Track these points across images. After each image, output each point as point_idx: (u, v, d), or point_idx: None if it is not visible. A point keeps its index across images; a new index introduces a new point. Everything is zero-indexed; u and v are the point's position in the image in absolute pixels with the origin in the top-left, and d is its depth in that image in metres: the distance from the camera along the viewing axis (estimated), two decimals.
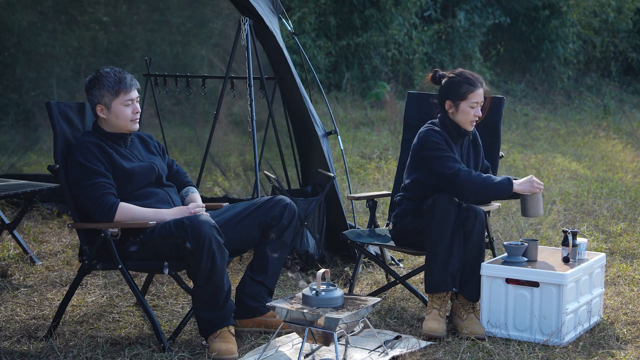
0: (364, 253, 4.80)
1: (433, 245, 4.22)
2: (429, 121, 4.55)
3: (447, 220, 4.18)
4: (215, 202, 4.69)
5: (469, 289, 4.27)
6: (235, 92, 6.04)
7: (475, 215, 4.22)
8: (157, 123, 6.54)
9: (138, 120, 4.15)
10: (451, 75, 4.48)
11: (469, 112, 4.41)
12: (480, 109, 4.44)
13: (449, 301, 4.39)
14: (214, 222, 3.87)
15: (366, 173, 8.64)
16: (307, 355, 3.91)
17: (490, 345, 4.05)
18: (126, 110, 4.08)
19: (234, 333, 3.95)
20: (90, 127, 4.23)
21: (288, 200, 4.23)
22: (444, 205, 4.20)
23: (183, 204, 4.28)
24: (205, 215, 3.92)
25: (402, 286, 4.91)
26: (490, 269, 4.24)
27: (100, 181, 3.96)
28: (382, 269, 5.28)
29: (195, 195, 4.35)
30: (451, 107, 4.45)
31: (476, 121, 4.47)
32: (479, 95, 4.41)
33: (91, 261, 4.06)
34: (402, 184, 4.63)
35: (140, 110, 4.15)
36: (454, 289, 4.21)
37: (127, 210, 3.99)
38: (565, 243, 4.35)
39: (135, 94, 4.11)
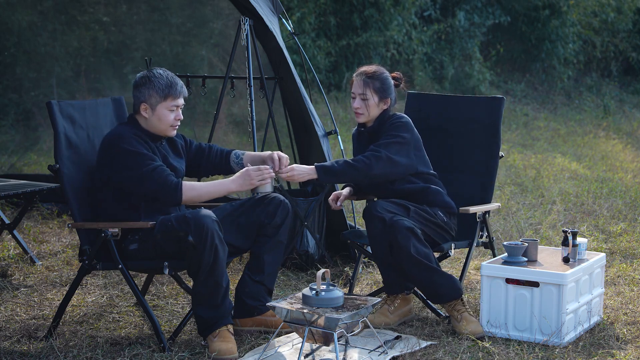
0: (364, 253, 4.80)
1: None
2: None
3: (372, 238, 4.27)
4: (215, 203, 4.69)
5: (435, 296, 4.28)
6: (235, 92, 6.03)
7: (395, 234, 4.15)
8: None
9: (177, 127, 4.13)
10: None
11: (352, 104, 4.50)
12: (359, 100, 4.44)
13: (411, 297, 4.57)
14: (215, 216, 3.87)
15: None
16: (307, 355, 3.91)
17: (490, 345, 4.05)
18: (169, 115, 4.05)
19: (232, 332, 3.95)
20: (95, 125, 4.22)
21: (282, 198, 4.22)
22: (367, 222, 4.28)
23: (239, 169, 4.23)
24: (206, 210, 3.92)
25: None
26: (490, 269, 4.24)
27: (155, 165, 3.94)
28: None
29: (251, 153, 4.31)
30: None
31: (358, 113, 4.48)
32: (353, 85, 4.47)
33: (91, 261, 4.06)
34: None
35: (182, 118, 4.12)
36: (405, 292, 4.44)
37: (193, 190, 3.97)
38: (565, 243, 4.35)
39: (181, 101, 4.08)
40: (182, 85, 4.09)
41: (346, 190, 4.65)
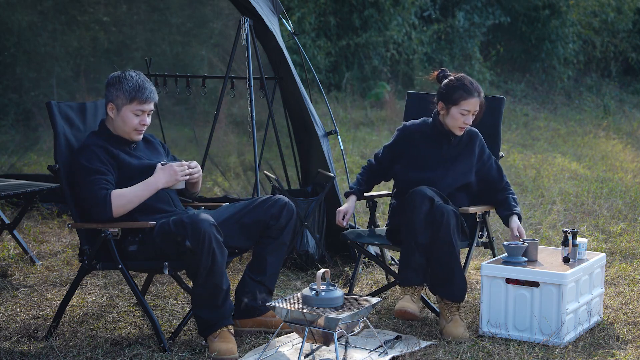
0: (364, 253, 4.80)
1: (403, 239, 4.27)
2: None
3: (416, 215, 4.18)
4: (215, 202, 4.69)
5: (445, 290, 4.23)
6: (235, 92, 6.03)
7: (442, 215, 4.15)
8: (157, 123, 6.54)
9: (142, 132, 4.13)
10: (451, 78, 4.49)
11: (458, 118, 4.42)
12: (470, 117, 4.44)
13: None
14: (213, 220, 3.87)
15: None
16: (307, 355, 3.91)
17: (490, 345, 4.05)
18: (134, 119, 4.06)
19: (233, 332, 3.95)
20: (94, 127, 4.22)
21: (286, 199, 4.22)
22: (414, 200, 4.21)
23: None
24: (205, 214, 3.92)
25: None
26: (490, 269, 4.24)
27: (95, 178, 3.94)
28: (382, 269, 5.28)
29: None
30: (443, 108, 4.48)
31: (463, 128, 4.47)
32: (471, 104, 4.41)
33: (91, 261, 4.06)
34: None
35: (148, 124, 4.11)
36: (424, 284, 4.27)
37: (121, 197, 3.95)
38: (565, 243, 4.35)
39: (149, 107, 4.08)
40: (151, 91, 4.08)
41: (352, 204, 4.62)
